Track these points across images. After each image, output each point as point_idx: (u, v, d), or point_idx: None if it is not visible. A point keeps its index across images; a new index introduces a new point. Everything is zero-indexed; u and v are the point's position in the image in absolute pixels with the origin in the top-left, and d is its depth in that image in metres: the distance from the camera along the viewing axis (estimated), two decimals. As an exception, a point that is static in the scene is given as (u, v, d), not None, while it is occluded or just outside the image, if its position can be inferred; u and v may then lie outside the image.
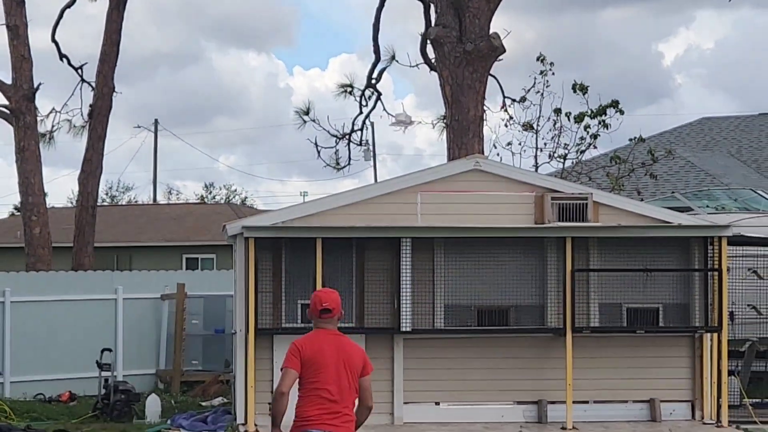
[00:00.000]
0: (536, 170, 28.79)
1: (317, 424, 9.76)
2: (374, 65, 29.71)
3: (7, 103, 30.87)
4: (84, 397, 22.64)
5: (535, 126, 30.59)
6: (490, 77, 25.84)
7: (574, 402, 18.01)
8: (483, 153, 24.34)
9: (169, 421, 19.71)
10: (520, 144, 30.80)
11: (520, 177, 19.40)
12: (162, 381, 24.30)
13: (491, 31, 25.10)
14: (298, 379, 9.90)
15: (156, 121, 74.12)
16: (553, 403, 18.35)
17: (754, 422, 18.82)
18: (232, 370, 20.24)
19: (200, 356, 24.46)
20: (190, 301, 24.42)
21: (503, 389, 18.60)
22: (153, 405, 20.67)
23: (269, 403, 17.73)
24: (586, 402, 18.42)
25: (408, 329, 18.03)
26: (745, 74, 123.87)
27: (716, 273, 18.28)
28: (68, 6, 33.37)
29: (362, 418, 10.07)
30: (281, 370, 10.08)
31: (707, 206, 25.07)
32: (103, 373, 21.73)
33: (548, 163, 30.67)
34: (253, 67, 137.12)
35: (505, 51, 25.28)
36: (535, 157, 30.65)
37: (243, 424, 17.62)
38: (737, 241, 19.50)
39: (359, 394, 9.97)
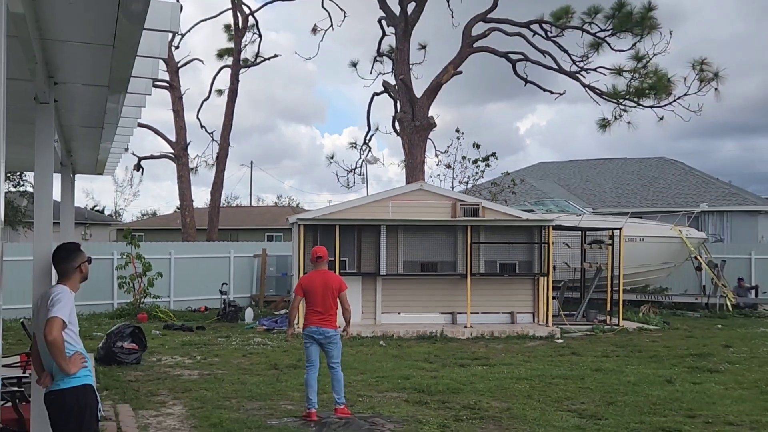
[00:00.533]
0: (452, 189, 29.02)
1: (312, 323, 9.54)
2: (367, 133, 29.92)
3: (172, 151, 31.10)
4: (212, 309, 22.85)
5: (452, 165, 30.98)
6: (428, 140, 26.10)
7: (471, 312, 18.28)
8: (424, 180, 24.52)
9: (257, 322, 19.86)
10: (444, 175, 31.25)
11: (444, 193, 19.70)
12: (254, 300, 24.42)
13: (429, 115, 25.38)
14: (303, 299, 9.70)
15: (252, 162, 74.09)
16: (460, 313, 18.59)
17: (565, 324, 19.12)
18: (290, 294, 20.47)
19: (274, 287, 24.50)
20: (269, 258, 24.56)
21: (434, 305, 18.79)
22: (249, 313, 20.69)
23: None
24: (477, 313, 18.61)
25: (384, 274, 18.26)
26: (562, 139, 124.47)
27: (546, 245, 18.60)
28: (205, 100, 33.59)
29: (347, 315, 9.65)
30: (293, 294, 10.01)
31: (542, 209, 25.13)
32: (223, 296, 21.93)
33: (458, 185, 30.96)
34: (303, 132, 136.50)
35: (436, 125, 25.54)
36: (452, 182, 31.01)
37: (296, 324, 17.85)
38: (557, 228, 19.78)
39: (341, 303, 9.61)
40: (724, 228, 36.12)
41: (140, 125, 29.55)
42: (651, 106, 24.52)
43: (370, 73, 30.09)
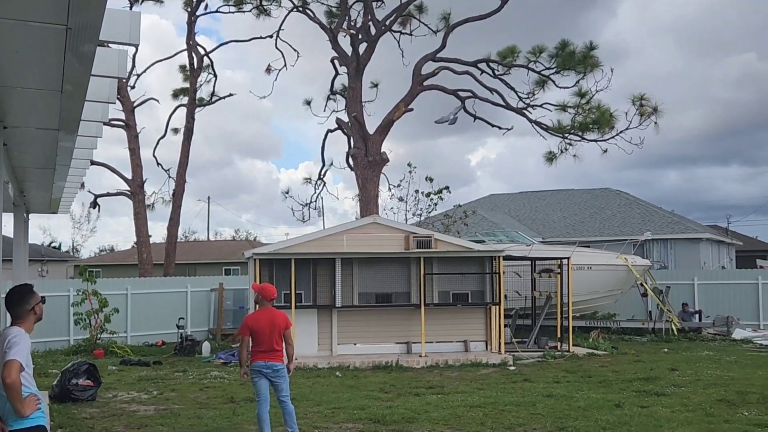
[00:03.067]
0: (406, 222, 29.12)
1: (262, 359, 9.40)
2: (322, 168, 29.85)
3: (129, 188, 30.79)
4: (169, 343, 22.55)
5: (405, 199, 31.09)
6: (381, 174, 26.20)
7: (425, 342, 18.25)
8: (378, 213, 24.58)
9: (214, 356, 19.66)
10: (397, 208, 31.34)
11: (397, 226, 19.74)
12: (211, 334, 24.22)
13: (382, 150, 25.52)
14: (250, 339, 9.55)
15: (209, 197, 73.56)
16: (415, 342, 18.54)
17: (517, 351, 19.15)
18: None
19: (231, 320, 24.36)
20: (226, 292, 24.41)
21: (389, 335, 18.76)
22: (206, 347, 20.53)
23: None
24: (432, 342, 18.61)
25: (339, 305, 18.19)
26: (512, 170, 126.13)
27: (497, 275, 18.70)
28: (161, 137, 33.39)
29: (290, 351, 9.56)
30: (238, 335, 9.78)
31: (493, 240, 25.27)
32: (180, 330, 21.67)
33: (412, 218, 31.08)
34: (259, 167, 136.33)
35: (389, 160, 25.68)
36: (405, 215, 31.08)
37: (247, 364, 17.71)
38: (507, 258, 19.93)
39: (285, 340, 9.56)
40: (668, 255, 36.75)
41: (96, 163, 29.22)
42: (595, 140, 24.96)
43: (324, 110, 30.03)
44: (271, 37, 30.24)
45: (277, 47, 30.42)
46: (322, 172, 30.00)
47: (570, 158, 25.53)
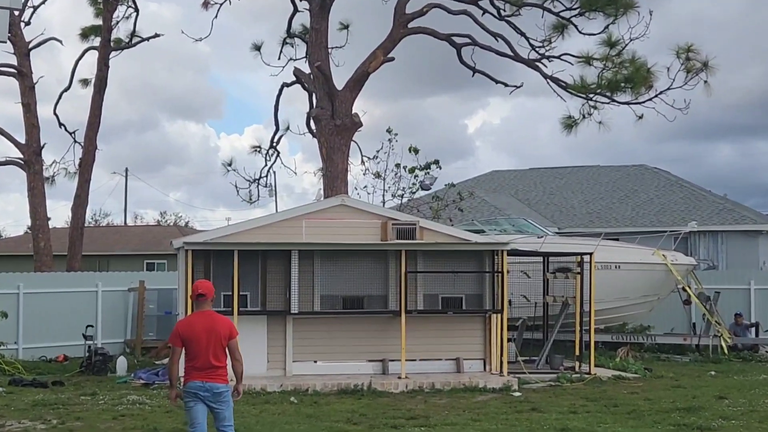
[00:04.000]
0: (383, 205, 28.99)
1: (198, 378, 9.49)
2: (275, 133, 29.70)
3: (21, 156, 30.58)
4: (74, 358, 22.41)
5: (383, 175, 31.03)
6: (352, 142, 26.07)
7: (406, 360, 18.30)
8: (347, 193, 24.48)
9: (132, 375, 19.58)
10: (372, 187, 31.17)
11: (371, 210, 19.84)
12: (128, 347, 24.09)
13: (353, 111, 25.43)
14: (182, 351, 9.60)
15: (126, 169, 73.08)
16: (392, 361, 18.59)
17: (524, 372, 19.26)
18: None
19: (155, 330, 24.18)
20: (148, 293, 24.28)
21: (359, 351, 18.81)
22: (122, 363, 20.38)
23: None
24: (415, 360, 18.64)
25: (296, 312, 18.21)
26: (520, 141, 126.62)
27: (499, 274, 18.77)
28: (65, 90, 33.15)
29: (238, 369, 9.64)
30: (167, 345, 9.77)
31: (495, 230, 25.26)
32: (87, 342, 21.52)
33: (391, 200, 30.97)
34: (193, 132, 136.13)
35: (362, 125, 25.59)
36: (383, 196, 30.97)
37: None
38: (513, 252, 20.03)
39: (230, 353, 9.59)
40: (718, 252, 37.11)
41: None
42: (627, 102, 25.06)
43: (279, 58, 29.82)
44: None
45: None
46: (276, 139, 29.91)
47: (595, 125, 25.60)
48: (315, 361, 18.67)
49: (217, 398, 9.54)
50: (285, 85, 28.62)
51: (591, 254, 20.34)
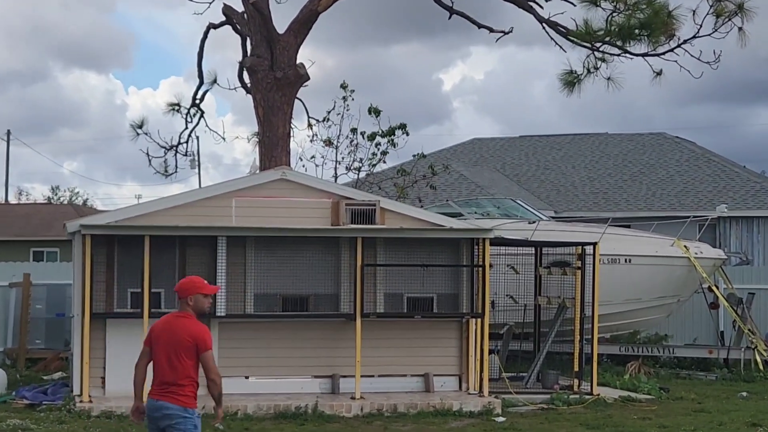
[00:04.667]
0: (335, 181, 29.05)
1: (151, 394, 9.71)
2: (198, 87, 29.49)
3: None
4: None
5: (335, 142, 30.98)
6: (297, 100, 25.99)
7: (362, 376, 18.33)
8: (289, 165, 24.37)
9: (14, 393, 19.39)
10: (322, 158, 31.10)
11: (320, 186, 19.80)
12: (9, 358, 23.89)
13: (298, 61, 25.35)
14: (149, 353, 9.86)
15: (8, 131, 72.55)
16: (344, 377, 18.63)
17: (510, 392, 19.31)
18: (70, 349, 20.11)
19: (43, 336, 24.07)
20: (34, 289, 24.09)
21: (303, 365, 18.83)
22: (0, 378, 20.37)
23: (102, 378, 18.00)
24: (372, 376, 18.72)
25: (223, 314, 18.16)
26: (508, 101, 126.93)
27: (480, 268, 18.82)
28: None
29: (213, 390, 9.67)
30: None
31: (475, 212, 25.28)
32: (-46, 352, 21.51)
33: (345, 174, 31.00)
34: (94, 85, 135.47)
35: (309, 78, 25.52)
36: (335, 169, 30.93)
37: (79, 395, 17.54)
38: (498, 242, 20.11)
39: (204, 370, 9.66)
40: (754, 243, 37.48)
41: None
42: (643, 54, 25.18)
43: (204, -7, 29.64)
44: None
45: None
46: (199, 96, 29.71)
47: (602, 83, 25.68)
48: (246, 377, 18.72)
49: (164, 420, 9.66)
50: (211, 26, 28.42)
51: (595, 245, 20.44)
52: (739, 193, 38.72)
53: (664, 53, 24.93)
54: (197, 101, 29.83)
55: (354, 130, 30.93)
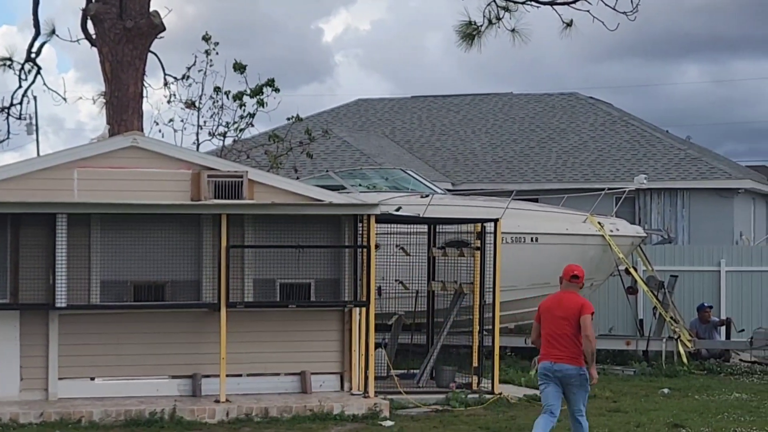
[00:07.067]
0: (197, 148, 28.98)
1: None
2: (34, 39, 29.11)
3: None
4: None
5: (197, 104, 30.92)
6: (150, 54, 25.83)
7: (227, 375, 18.30)
8: (142, 130, 24.25)
9: None
10: (181, 121, 30.93)
11: (177, 154, 19.59)
12: None
13: (151, 9, 25.16)
14: None
15: None
16: (207, 376, 18.59)
17: (399, 392, 19.43)
18: None
19: None
20: None
21: (158, 363, 18.71)
22: None
23: None
24: (240, 375, 18.77)
25: (63, 305, 17.85)
26: (399, 56, 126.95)
27: (365, 249, 18.86)
28: None
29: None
30: None
31: (360, 185, 25.38)
32: None
33: (209, 140, 30.88)
34: None
35: (165, 29, 25.35)
36: (197, 134, 30.88)
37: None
38: (385, 218, 20.21)
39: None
40: (677, 219, 38.08)
41: None
42: (551, 2, 25.44)
43: None
44: None
45: None
46: (35, 49, 29.38)
47: (506, 35, 25.89)
48: (92, 378, 18.58)
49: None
50: (49, -34, 28.19)
51: (496, 221, 20.61)
52: (661, 162, 39.29)
53: (574, 1, 25.22)
54: (33, 55, 29.46)
55: (218, 90, 30.84)
